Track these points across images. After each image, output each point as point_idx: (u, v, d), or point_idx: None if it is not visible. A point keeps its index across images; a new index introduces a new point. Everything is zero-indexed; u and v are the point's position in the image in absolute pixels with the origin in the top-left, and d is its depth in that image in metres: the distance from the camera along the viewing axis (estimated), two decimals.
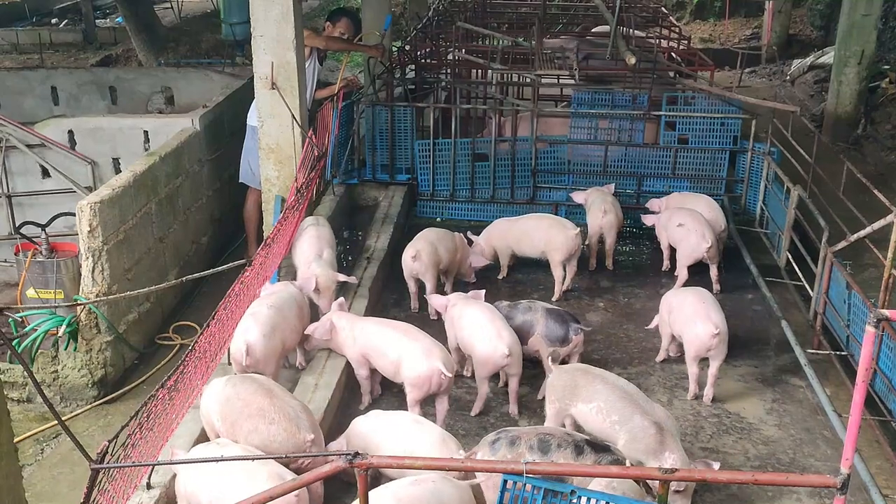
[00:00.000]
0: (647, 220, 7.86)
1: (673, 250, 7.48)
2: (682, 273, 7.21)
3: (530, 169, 8.85)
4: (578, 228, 7.24)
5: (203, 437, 4.88)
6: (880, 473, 5.03)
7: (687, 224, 7.18)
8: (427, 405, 5.33)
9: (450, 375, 5.19)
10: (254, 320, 5.27)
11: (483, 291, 6.12)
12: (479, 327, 5.58)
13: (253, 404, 4.46)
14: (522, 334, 5.78)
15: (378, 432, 4.67)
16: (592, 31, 12.79)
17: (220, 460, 4.14)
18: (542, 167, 8.89)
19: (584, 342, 5.97)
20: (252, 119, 7.67)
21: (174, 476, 4.32)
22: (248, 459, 4.20)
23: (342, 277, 6.23)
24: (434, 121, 8.99)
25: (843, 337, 6.15)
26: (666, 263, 7.68)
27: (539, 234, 7.25)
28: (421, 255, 6.74)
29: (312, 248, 6.34)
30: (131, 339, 6.36)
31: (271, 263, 5.90)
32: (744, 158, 8.76)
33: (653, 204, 8.04)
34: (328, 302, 6.02)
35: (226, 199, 8.43)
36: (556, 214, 8.74)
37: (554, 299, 7.06)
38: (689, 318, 5.77)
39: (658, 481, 3.39)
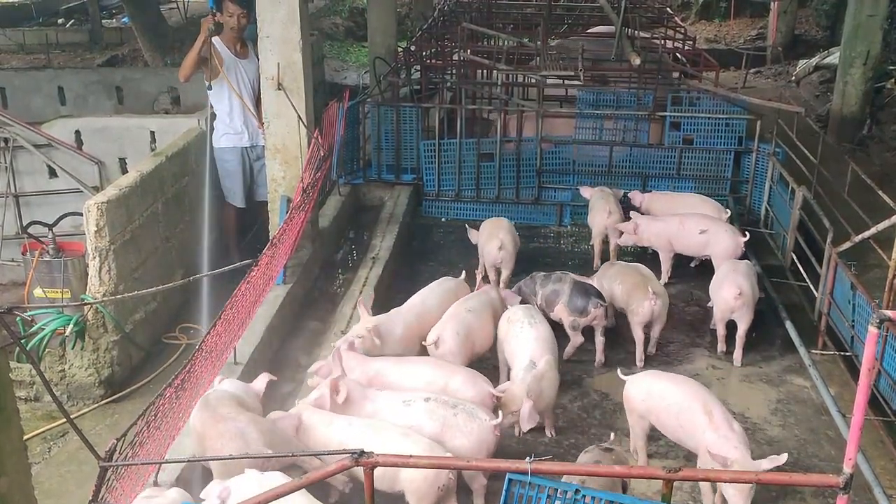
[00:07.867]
0: (625, 227, 7.54)
1: (675, 259, 7.50)
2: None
3: (535, 169, 8.87)
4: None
5: None
6: (884, 473, 5.05)
7: (711, 229, 7.19)
8: None
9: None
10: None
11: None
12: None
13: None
14: (550, 303, 6.28)
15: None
16: (592, 31, 12.83)
17: (228, 458, 4.16)
18: (547, 167, 8.91)
19: None
20: (218, 140, 7.61)
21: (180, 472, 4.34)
22: (256, 458, 4.22)
23: None
24: (439, 121, 9.02)
25: (848, 337, 6.16)
26: (665, 278, 7.46)
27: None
28: (506, 244, 7.02)
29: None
30: (138, 338, 6.39)
31: (277, 263, 5.92)
32: (749, 159, 8.77)
33: (634, 196, 8.08)
34: None
35: None
36: (560, 216, 8.81)
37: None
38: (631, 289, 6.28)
39: (663, 480, 3.41)
